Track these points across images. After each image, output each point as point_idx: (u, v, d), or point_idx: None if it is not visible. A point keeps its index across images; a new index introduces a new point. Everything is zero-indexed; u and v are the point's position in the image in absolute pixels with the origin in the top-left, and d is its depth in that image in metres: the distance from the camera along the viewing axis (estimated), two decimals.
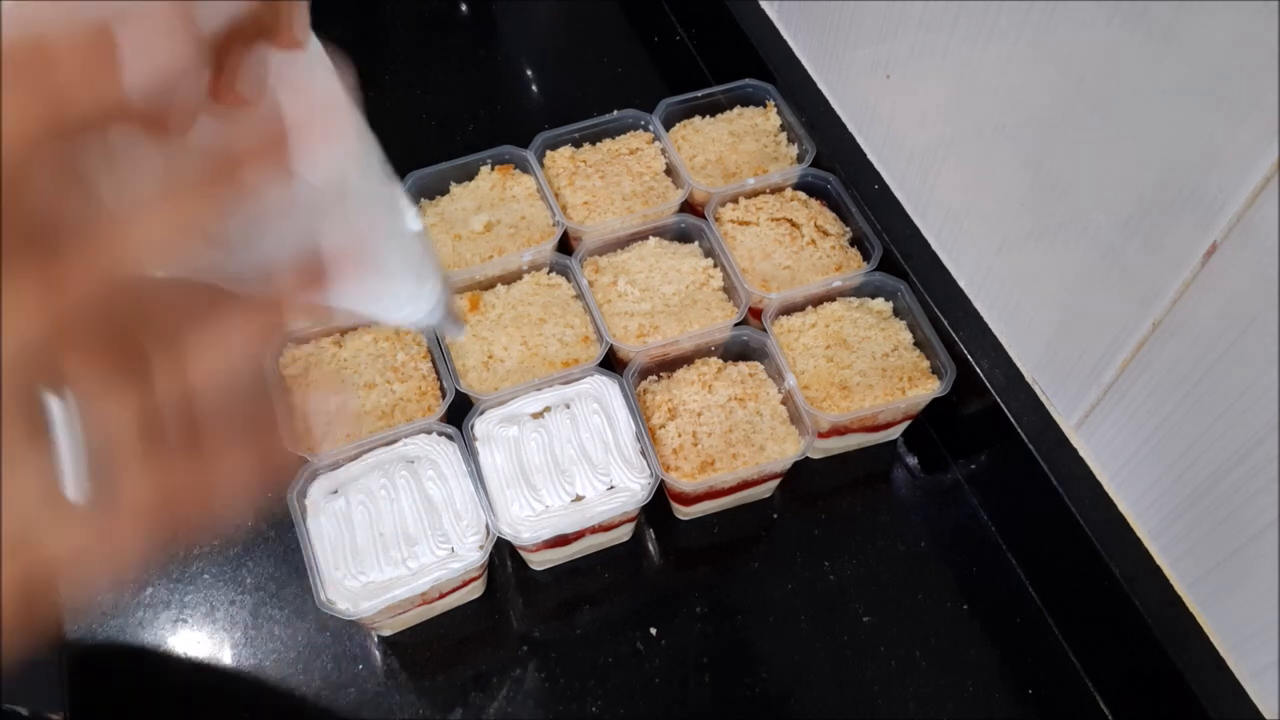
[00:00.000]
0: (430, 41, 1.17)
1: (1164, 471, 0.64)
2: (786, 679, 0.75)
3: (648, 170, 0.94)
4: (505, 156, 0.93)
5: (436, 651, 0.77)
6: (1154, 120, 0.56)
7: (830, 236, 0.88)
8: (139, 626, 0.78)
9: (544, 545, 0.75)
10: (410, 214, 0.46)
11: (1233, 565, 0.60)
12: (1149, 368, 0.63)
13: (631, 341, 0.82)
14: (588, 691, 0.75)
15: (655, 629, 0.77)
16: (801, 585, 0.79)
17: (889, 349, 0.82)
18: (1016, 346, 0.76)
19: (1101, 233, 0.63)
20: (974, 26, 0.68)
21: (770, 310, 0.83)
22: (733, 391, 0.80)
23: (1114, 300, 0.64)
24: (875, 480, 0.86)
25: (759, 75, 0.97)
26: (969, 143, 0.74)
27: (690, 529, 0.83)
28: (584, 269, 0.87)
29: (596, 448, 0.75)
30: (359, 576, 0.70)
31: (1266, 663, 0.60)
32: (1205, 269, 0.56)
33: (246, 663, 0.76)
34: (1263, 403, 0.54)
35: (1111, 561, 0.67)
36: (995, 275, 0.76)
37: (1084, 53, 0.59)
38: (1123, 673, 0.72)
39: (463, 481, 0.74)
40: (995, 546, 0.81)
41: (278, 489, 0.73)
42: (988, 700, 0.74)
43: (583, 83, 1.13)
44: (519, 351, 0.83)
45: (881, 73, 0.83)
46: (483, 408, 0.78)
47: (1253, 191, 0.51)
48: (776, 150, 0.95)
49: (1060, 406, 0.73)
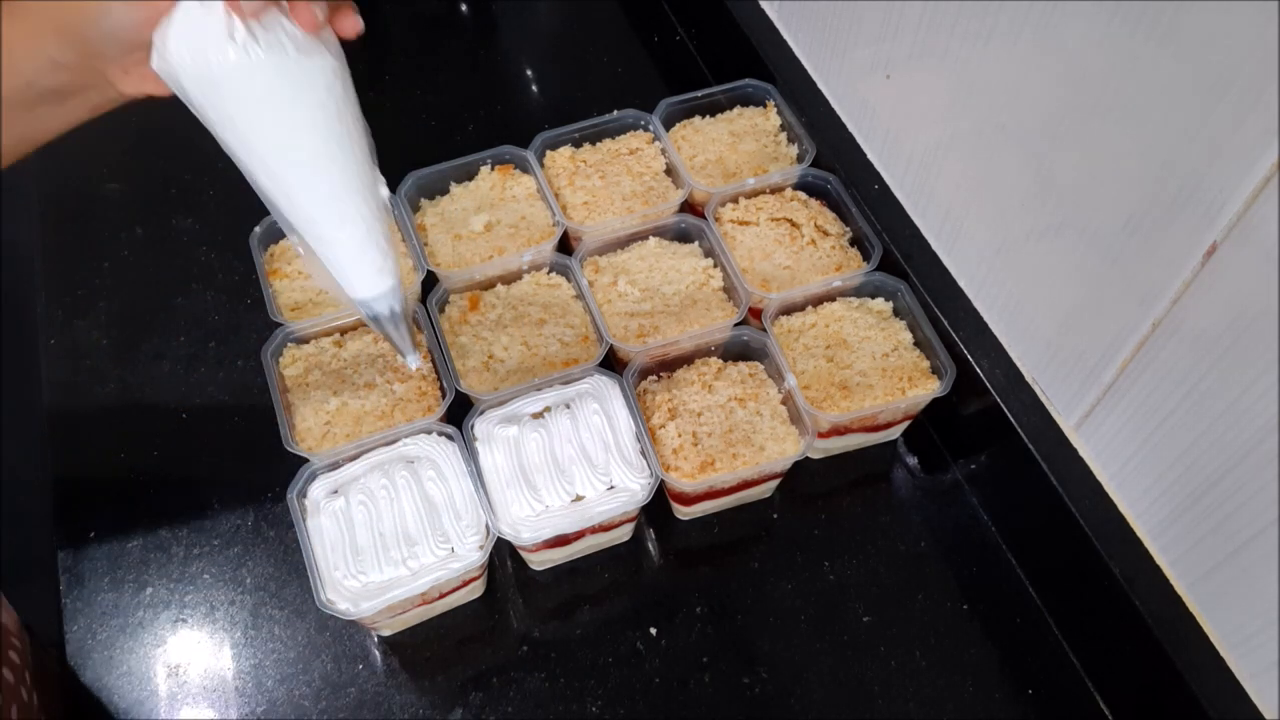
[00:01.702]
0: (430, 41, 1.17)
1: (1164, 471, 0.64)
2: (786, 679, 0.75)
3: (648, 170, 0.94)
4: (505, 156, 0.93)
5: (436, 651, 0.77)
6: (1154, 120, 0.56)
7: (830, 236, 0.88)
8: (139, 626, 0.78)
9: (544, 545, 0.75)
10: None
11: (1233, 565, 0.60)
12: (1149, 368, 0.63)
13: (631, 341, 0.82)
14: (588, 691, 0.75)
15: (655, 629, 0.77)
16: (801, 585, 0.79)
17: (889, 349, 0.82)
18: (1016, 346, 0.77)
19: (1101, 233, 0.63)
20: (974, 26, 0.68)
21: (770, 310, 0.83)
22: (733, 391, 0.80)
23: (1114, 300, 0.64)
24: (875, 480, 0.86)
25: (759, 75, 0.97)
26: (969, 143, 0.74)
27: (690, 529, 0.83)
28: (584, 269, 0.87)
29: (596, 448, 0.75)
30: (359, 576, 0.70)
31: (1266, 663, 0.60)
32: (1205, 269, 0.56)
33: (246, 663, 0.76)
34: (1263, 403, 0.54)
35: (1111, 561, 0.67)
36: (995, 275, 0.76)
37: (1084, 53, 0.59)
38: (1123, 673, 0.72)
39: (463, 481, 0.74)
40: (995, 546, 0.81)
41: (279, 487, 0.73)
42: (988, 700, 0.74)
43: (583, 83, 1.13)
44: (519, 351, 0.83)
45: (881, 73, 0.83)
46: (483, 408, 0.78)
47: (1253, 191, 0.51)
48: (776, 150, 0.95)
49: (1060, 406, 0.73)
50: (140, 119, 1.09)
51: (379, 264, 0.56)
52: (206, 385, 0.90)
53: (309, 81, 0.49)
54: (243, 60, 0.46)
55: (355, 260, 0.55)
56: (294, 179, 0.52)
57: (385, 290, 0.57)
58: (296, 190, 0.52)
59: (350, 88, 0.53)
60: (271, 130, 0.50)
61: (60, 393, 0.90)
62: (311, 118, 0.50)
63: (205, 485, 0.85)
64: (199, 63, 0.47)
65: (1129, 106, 0.58)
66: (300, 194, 0.53)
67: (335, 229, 0.54)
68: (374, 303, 0.58)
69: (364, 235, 0.54)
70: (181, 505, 0.84)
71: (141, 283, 0.95)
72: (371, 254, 0.55)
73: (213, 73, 0.47)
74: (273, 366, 0.81)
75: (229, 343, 0.92)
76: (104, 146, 1.05)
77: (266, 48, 0.47)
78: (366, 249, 0.55)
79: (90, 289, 0.95)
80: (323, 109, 0.50)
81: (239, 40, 0.46)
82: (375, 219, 0.55)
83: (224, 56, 0.46)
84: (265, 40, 0.47)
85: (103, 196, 1.01)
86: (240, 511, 0.83)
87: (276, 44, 0.47)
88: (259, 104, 0.49)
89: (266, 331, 0.82)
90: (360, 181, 0.53)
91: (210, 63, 0.47)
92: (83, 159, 1.04)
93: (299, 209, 0.53)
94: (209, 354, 0.91)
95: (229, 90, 0.48)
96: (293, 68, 0.48)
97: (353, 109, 0.53)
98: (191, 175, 1.03)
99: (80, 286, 0.95)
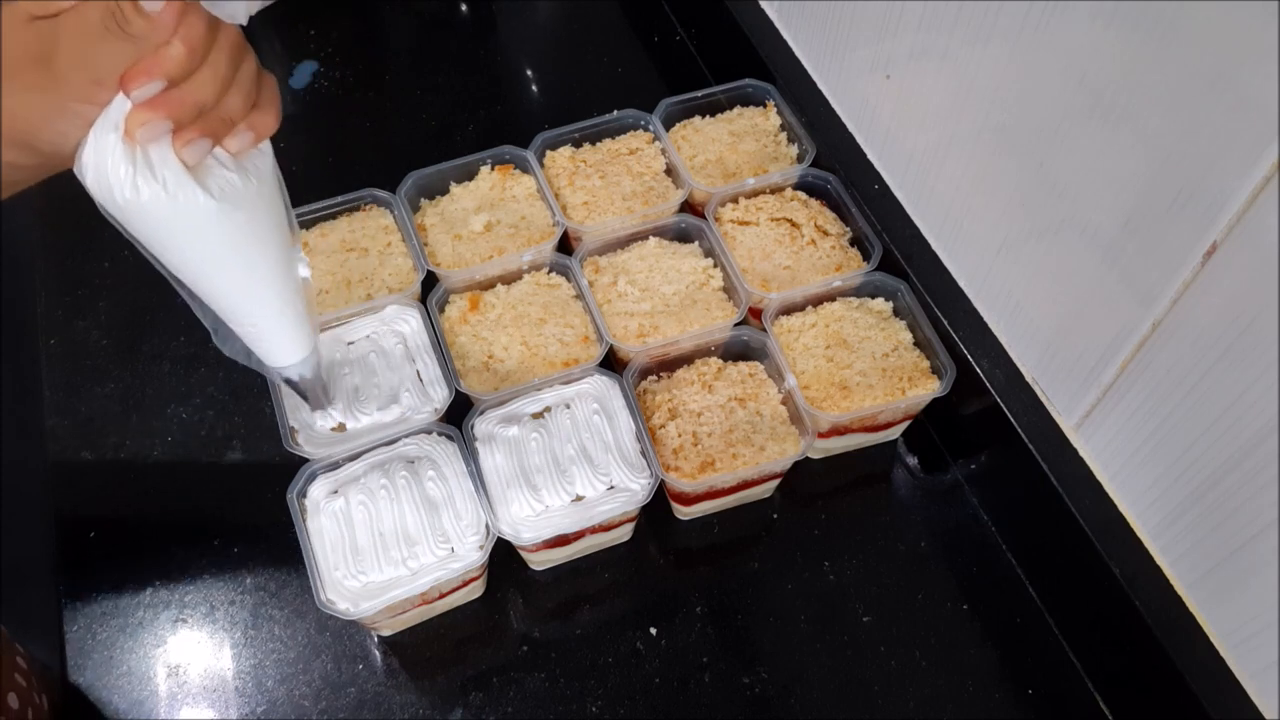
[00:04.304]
0: (430, 41, 1.17)
1: (1164, 471, 0.64)
2: (786, 679, 0.75)
3: (648, 170, 0.94)
4: (505, 156, 0.93)
5: (436, 651, 0.77)
6: (1154, 120, 0.56)
7: (830, 236, 0.88)
8: (139, 626, 0.78)
9: (544, 545, 0.75)
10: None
11: (1233, 565, 0.60)
12: (1149, 368, 0.63)
13: (631, 341, 0.82)
14: (588, 691, 0.75)
15: (655, 629, 0.77)
16: (801, 585, 0.79)
17: (889, 349, 0.82)
18: (1016, 346, 0.77)
19: (1101, 233, 0.63)
20: (974, 27, 0.68)
21: (770, 310, 0.83)
22: (733, 391, 0.80)
23: (1114, 300, 0.64)
24: (875, 480, 0.86)
25: (759, 75, 0.97)
26: (969, 143, 0.74)
27: (690, 529, 0.83)
28: (584, 269, 0.87)
29: (596, 448, 0.75)
30: (359, 576, 0.70)
31: (1266, 663, 0.60)
32: (1205, 269, 0.56)
33: (246, 663, 0.76)
34: (1263, 403, 0.54)
35: (1111, 561, 0.67)
36: (995, 275, 0.76)
37: (1084, 53, 0.59)
38: (1123, 673, 0.72)
39: (463, 481, 0.74)
40: (995, 546, 0.81)
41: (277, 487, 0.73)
42: (988, 700, 0.74)
43: (583, 83, 1.13)
44: (519, 351, 0.83)
45: (881, 73, 0.83)
46: (483, 408, 0.78)
47: (1253, 191, 0.51)
48: (776, 150, 0.95)
49: (1060, 407, 0.73)
50: None
51: (293, 337, 0.60)
52: (206, 385, 0.90)
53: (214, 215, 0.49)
54: (143, 199, 0.47)
55: (271, 337, 0.59)
56: (206, 285, 0.54)
57: (298, 360, 0.62)
58: (210, 291, 0.55)
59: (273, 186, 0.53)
60: (182, 252, 0.51)
61: (60, 393, 0.90)
62: (220, 244, 0.51)
63: (205, 485, 0.85)
64: (102, 193, 0.48)
65: (1129, 106, 0.58)
66: (214, 295, 0.55)
67: (251, 318, 0.57)
68: (286, 370, 0.63)
69: (277, 317, 0.58)
70: (181, 505, 0.84)
71: (141, 283, 0.95)
72: (283, 332, 0.59)
73: (115, 202, 0.48)
74: None
75: None
76: None
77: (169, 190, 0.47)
78: (282, 326, 0.58)
79: (90, 289, 0.95)
80: (232, 235, 0.51)
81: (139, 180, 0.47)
82: (290, 300, 0.58)
83: (123, 194, 0.47)
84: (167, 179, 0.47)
85: None
86: (240, 511, 0.83)
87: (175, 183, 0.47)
88: (166, 232, 0.49)
89: None
90: (275, 273, 0.55)
91: (113, 195, 0.47)
92: None
93: (216, 304, 0.56)
94: (209, 354, 0.91)
95: (135, 218, 0.49)
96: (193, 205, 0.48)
97: (269, 211, 0.53)
98: None
99: (80, 286, 0.95)
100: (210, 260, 0.52)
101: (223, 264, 0.53)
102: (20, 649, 0.73)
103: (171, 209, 0.48)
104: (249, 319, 0.57)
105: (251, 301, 0.56)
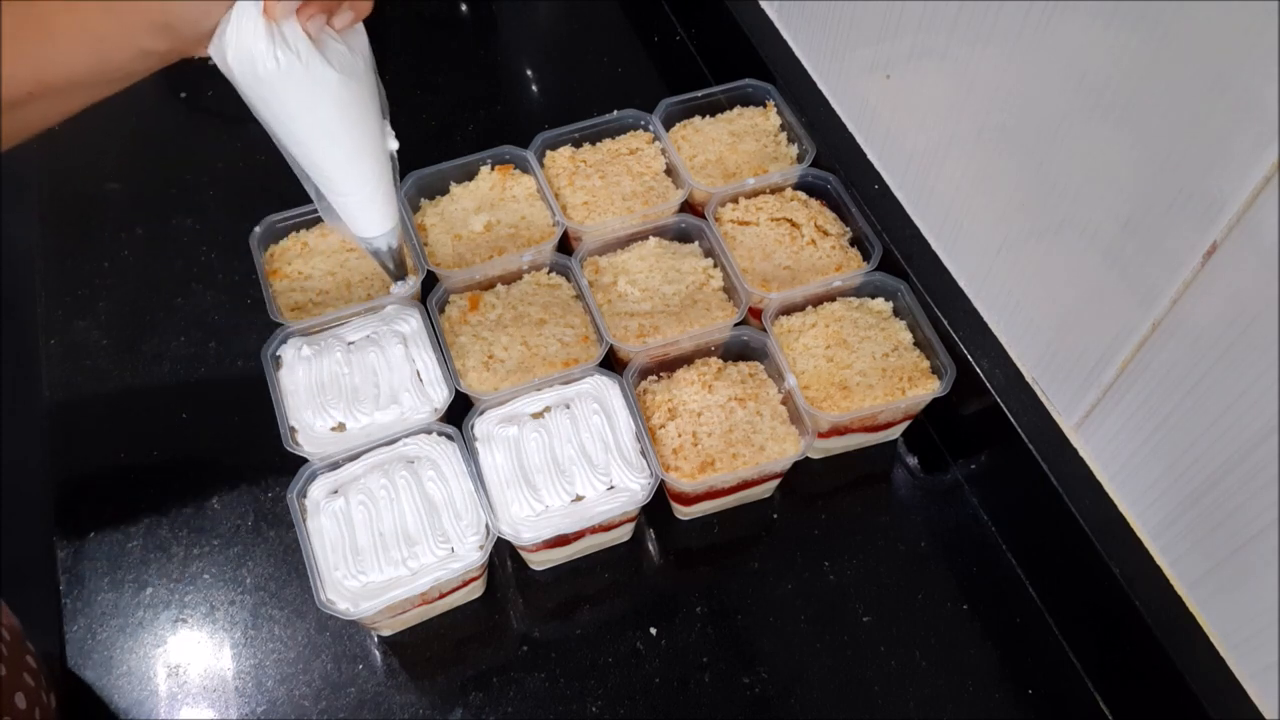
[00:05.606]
0: (430, 41, 1.17)
1: (1164, 471, 0.64)
2: (786, 679, 0.75)
3: (648, 170, 0.94)
4: (505, 156, 0.93)
5: (436, 651, 0.77)
6: (1154, 120, 0.56)
7: (830, 236, 0.88)
8: (139, 626, 0.78)
9: (544, 545, 0.75)
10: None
11: (1233, 565, 0.60)
12: (1149, 368, 0.63)
13: (631, 342, 0.82)
14: (588, 691, 0.75)
15: (655, 629, 0.77)
16: (801, 585, 0.79)
17: (889, 349, 0.82)
18: (1016, 346, 0.77)
19: (1101, 233, 0.63)
20: (974, 27, 0.68)
21: (770, 310, 0.83)
22: (733, 391, 0.80)
23: (1114, 300, 0.64)
24: (875, 480, 0.86)
25: (759, 75, 0.97)
26: (969, 143, 0.74)
27: (690, 529, 0.83)
28: (584, 269, 0.87)
29: (596, 448, 0.75)
30: (359, 576, 0.70)
31: (1266, 663, 0.60)
32: (1205, 269, 0.56)
33: (246, 663, 0.76)
34: (1263, 403, 0.54)
35: (1111, 561, 0.67)
36: (995, 275, 0.76)
37: (1084, 53, 0.59)
38: (1123, 673, 0.72)
39: (463, 481, 0.74)
40: (995, 546, 0.81)
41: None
42: (988, 700, 0.74)
43: (583, 83, 1.13)
44: (519, 351, 0.83)
45: (881, 73, 0.83)
46: (483, 408, 0.78)
47: (1253, 191, 0.51)
48: (776, 150, 0.95)
49: (1060, 406, 0.73)
50: (140, 119, 1.10)
51: (382, 210, 0.67)
52: (206, 385, 0.90)
53: (336, 85, 0.57)
54: (282, 69, 0.55)
55: (363, 209, 0.67)
56: (320, 153, 0.62)
57: (385, 231, 0.69)
58: (322, 161, 0.63)
59: (370, 67, 0.61)
60: (304, 120, 0.59)
61: (60, 393, 0.90)
62: (337, 111, 0.59)
63: (205, 485, 0.85)
64: (244, 65, 0.55)
65: (1129, 106, 0.58)
66: (325, 164, 0.63)
67: (349, 187, 0.65)
68: (375, 240, 0.69)
69: (371, 189, 0.65)
70: (181, 505, 0.84)
71: (141, 283, 0.95)
72: (377, 203, 0.66)
73: (257, 74, 0.55)
74: (272, 366, 0.81)
75: (229, 343, 0.92)
76: (104, 146, 1.05)
77: (302, 59, 0.55)
78: (374, 199, 0.66)
79: (90, 289, 0.95)
80: (347, 105, 0.59)
81: (278, 52, 0.54)
82: (382, 175, 0.65)
83: (266, 65, 0.54)
84: (300, 50, 0.55)
85: (103, 196, 1.01)
86: (240, 511, 0.83)
87: (307, 54, 0.55)
88: (296, 101, 0.57)
89: (266, 331, 0.82)
90: (372, 147, 0.63)
91: (255, 68, 0.55)
92: (83, 159, 1.04)
93: (321, 173, 0.64)
94: (209, 354, 0.91)
95: (270, 89, 0.56)
96: (321, 74, 0.56)
97: (370, 88, 0.61)
98: (191, 175, 1.03)
99: (80, 286, 0.95)
100: (326, 129, 0.60)
101: (336, 134, 0.60)
102: (31, 648, 0.73)
103: (305, 77, 0.56)
104: (350, 188, 0.65)
105: (354, 170, 0.64)
